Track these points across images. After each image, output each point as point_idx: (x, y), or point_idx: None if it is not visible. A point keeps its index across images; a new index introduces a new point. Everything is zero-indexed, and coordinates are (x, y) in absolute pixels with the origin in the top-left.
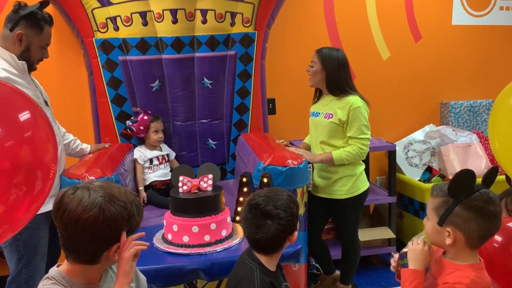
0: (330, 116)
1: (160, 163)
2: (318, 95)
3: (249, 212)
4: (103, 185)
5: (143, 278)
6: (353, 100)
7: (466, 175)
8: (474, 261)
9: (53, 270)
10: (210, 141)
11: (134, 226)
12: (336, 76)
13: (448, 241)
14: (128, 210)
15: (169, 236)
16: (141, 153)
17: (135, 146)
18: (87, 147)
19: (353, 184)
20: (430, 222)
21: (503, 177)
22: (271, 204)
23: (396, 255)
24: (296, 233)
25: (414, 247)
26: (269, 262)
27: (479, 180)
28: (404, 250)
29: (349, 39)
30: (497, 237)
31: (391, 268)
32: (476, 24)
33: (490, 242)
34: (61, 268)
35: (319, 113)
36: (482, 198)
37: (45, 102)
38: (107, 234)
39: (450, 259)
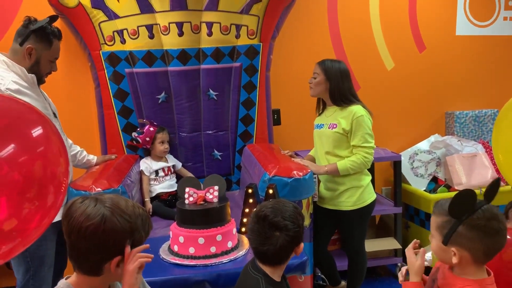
0: (334, 126)
1: (166, 175)
2: (322, 107)
3: (257, 224)
4: (112, 197)
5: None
6: (356, 109)
7: (466, 195)
8: (481, 275)
9: (61, 282)
10: (216, 152)
11: (138, 239)
12: (339, 86)
13: (454, 260)
14: (132, 223)
15: (175, 248)
16: (147, 164)
17: (141, 157)
18: (93, 158)
19: (359, 195)
20: (434, 240)
21: (510, 187)
22: (280, 215)
23: (404, 269)
24: (302, 244)
25: (413, 261)
26: (274, 273)
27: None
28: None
29: (354, 49)
30: None
31: (400, 282)
32: (480, 35)
33: None
34: (69, 280)
35: (323, 125)
36: (485, 216)
37: (54, 113)
38: (108, 244)
39: (457, 274)
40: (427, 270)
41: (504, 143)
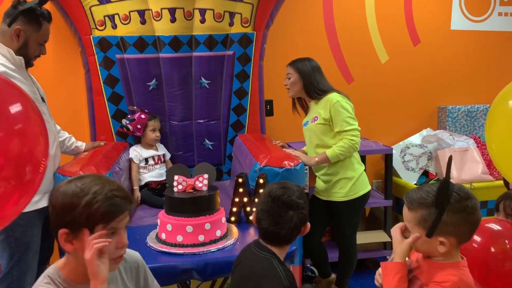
0: (315, 119)
1: (156, 163)
2: (299, 105)
3: (271, 203)
4: (96, 176)
5: (131, 255)
6: (331, 97)
7: (446, 185)
8: (457, 259)
9: (51, 268)
10: (207, 141)
11: (96, 216)
12: (312, 82)
13: (442, 249)
14: (83, 198)
15: (163, 236)
16: (136, 152)
17: (131, 145)
18: (82, 144)
19: (352, 186)
20: (415, 235)
21: (501, 182)
22: (293, 195)
23: (380, 278)
24: (308, 224)
25: (400, 241)
26: (281, 254)
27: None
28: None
29: (348, 41)
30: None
31: (376, 282)
32: (474, 30)
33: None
34: (58, 264)
35: (308, 121)
36: (461, 197)
37: (42, 98)
38: (62, 217)
39: (435, 260)
40: None
41: (497, 133)
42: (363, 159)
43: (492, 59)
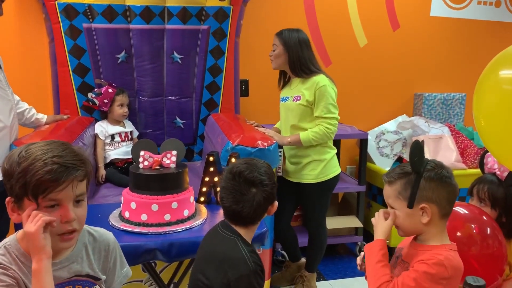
0: (298, 98)
1: (122, 140)
2: (287, 79)
3: (232, 180)
4: (49, 142)
5: (103, 235)
6: (319, 79)
7: (419, 146)
8: (446, 241)
9: (10, 238)
10: (178, 119)
11: (31, 185)
12: (299, 56)
13: (425, 219)
14: (21, 164)
15: (127, 214)
16: (102, 128)
17: (97, 120)
18: (43, 117)
19: (322, 169)
20: (397, 210)
21: (474, 170)
22: (255, 171)
23: (363, 253)
24: (276, 203)
25: (381, 220)
26: (247, 235)
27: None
28: None
29: (327, 23)
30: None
31: (358, 266)
32: (454, 17)
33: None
34: (17, 235)
35: (288, 97)
36: (436, 165)
37: None
38: (5, 185)
39: (422, 241)
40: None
41: (486, 107)
42: (337, 143)
43: (469, 48)
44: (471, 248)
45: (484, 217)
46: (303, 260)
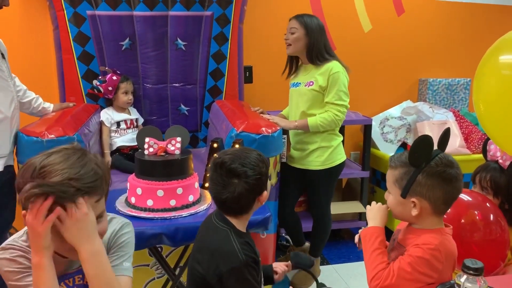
0: (311, 83)
1: (128, 128)
2: (295, 67)
3: (215, 171)
4: (65, 157)
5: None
6: (333, 65)
7: (425, 141)
8: (440, 226)
9: (24, 230)
10: (182, 106)
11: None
12: (318, 42)
13: (414, 212)
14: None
15: (133, 200)
16: (108, 115)
17: (102, 107)
18: (49, 106)
19: (329, 155)
20: (392, 195)
21: (478, 155)
22: (238, 162)
23: (361, 231)
24: (265, 193)
25: (372, 207)
26: (239, 224)
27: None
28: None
29: (331, 8)
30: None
31: (357, 245)
32: (459, 1)
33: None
34: None
35: (300, 83)
36: (442, 163)
37: (2, 54)
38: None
39: (417, 227)
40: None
41: (486, 92)
42: (342, 129)
43: (474, 32)
44: (474, 234)
45: (487, 203)
46: (307, 244)
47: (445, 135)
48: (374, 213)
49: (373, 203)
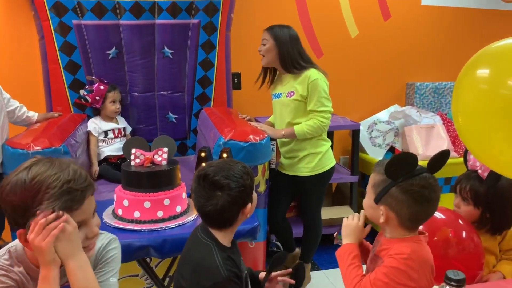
0: (292, 94)
1: (116, 137)
2: (271, 77)
3: (198, 184)
4: (48, 164)
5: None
6: (310, 73)
7: (406, 158)
8: (412, 235)
9: (15, 242)
10: (171, 114)
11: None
12: (289, 52)
13: (381, 219)
14: (35, 197)
15: (120, 212)
16: (95, 124)
17: (89, 116)
18: (34, 115)
19: (318, 161)
20: (367, 197)
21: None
22: (221, 174)
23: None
24: (249, 205)
25: (349, 223)
26: (224, 238)
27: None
28: None
29: (318, 14)
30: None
31: (335, 241)
32: (445, 6)
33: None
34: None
35: (281, 94)
36: (420, 183)
37: None
38: (16, 220)
39: (388, 236)
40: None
41: (464, 105)
42: (330, 134)
43: (460, 36)
44: (448, 251)
45: (460, 221)
46: (298, 250)
47: (442, 157)
48: (350, 231)
49: (350, 217)
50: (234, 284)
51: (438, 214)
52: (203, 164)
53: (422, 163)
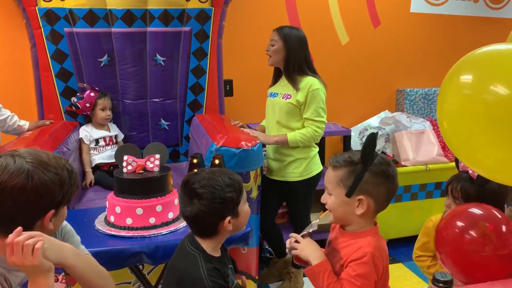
0: (288, 96)
1: (107, 145)
2: (276, 76)
3: (181, 188)
4: (30, 151)
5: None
6: (313, 81)
7: (374, 140)
8: (370, 226)
9: None
10: (163, 121)
11: (69, 193)
12: (296, 55)
13: (360, 210)
14: (60, 175)
15: (112, 218)
16: (87, 132)
17: (81, 124)
18: (25, 123)
19: (306, 166)
20: (333, 197)
21: (453, 164)
22: (201, 183)
23: (293, 237)
24: (228, 218)
25: (302, 246)
26: (210, 247)
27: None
28: (302, 234)
29: (309, 21)
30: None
31: (287, 250)
32: (433, 13)
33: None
34: None
35: (277, 94)
36: (384, 162)
37: None
38: (38, 201)
39: (350, 229)
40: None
41: (449, 110)
42: (322, 140)
43: (449, 43)
44: (485, 249)
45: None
46: (289, 256)
47: (372, 139)
48: (310, 250)
49: (301, 241)
50: None
51: (475, 210)
52: (195, 170)
53: (413, 168)
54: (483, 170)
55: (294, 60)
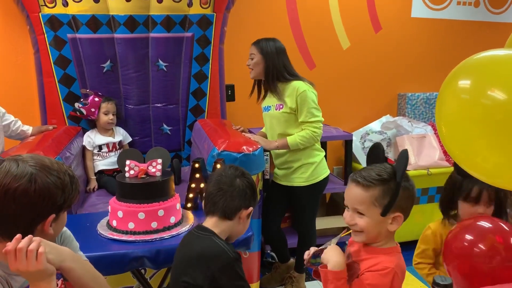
0: (281, 106)
1: (110, 151)
2: (258, 88)
3: (227, 168)
4: (33, 156)
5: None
6: (298, 85)
7: (407, 155)
8: (393, 244)
9: None
10: (165, 126)
11: (71, 198)
12: (275, 64)
13: (394, 227)
14: (62, 179)
15: (114, 223)
16: (90, 138)
17: (84, 129)
18: (28, 128)
19: (312, 171)
20: (368, 217)
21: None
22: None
23: (312, 250)
24: (251, 209)
25: (329, 248)
26: (221, 233)
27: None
28: (320, 248)
29: (310, 27)
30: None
31: (305, 261)
32: (434, 18)
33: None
34: None
35: (270, 106)
36: (407, 176)
37: None
38: (40, 204)
39: (376, 245)
40: None
41: (447, 114)
42: (324, 145)
43: (450, 47)
44: (492, 260)
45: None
46: (292, 260)
47: (376, 149)
48: (333, 253)
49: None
50: (240, 263)
51: (483, 223)
52: (196, 176)
53: (415, 172)
54: (481, 175)
55: (273, 69)
